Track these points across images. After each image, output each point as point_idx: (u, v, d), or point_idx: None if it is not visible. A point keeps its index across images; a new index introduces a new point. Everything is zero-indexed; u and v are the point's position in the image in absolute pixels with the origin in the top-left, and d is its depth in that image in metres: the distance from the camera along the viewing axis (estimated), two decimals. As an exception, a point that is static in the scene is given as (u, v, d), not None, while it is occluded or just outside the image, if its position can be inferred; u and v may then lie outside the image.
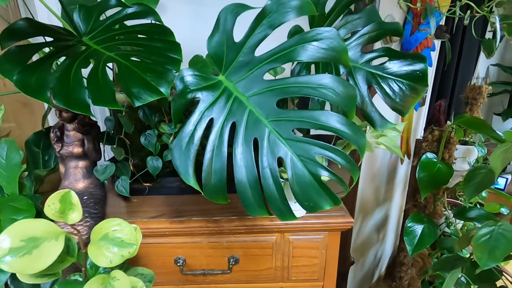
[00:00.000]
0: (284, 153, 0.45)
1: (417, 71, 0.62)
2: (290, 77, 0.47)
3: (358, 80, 0.64)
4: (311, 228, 0.86)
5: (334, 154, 0.45)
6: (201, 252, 0.88)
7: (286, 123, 0.46)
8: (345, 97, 0.46)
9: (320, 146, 0.45)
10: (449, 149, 0.95)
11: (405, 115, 0.62)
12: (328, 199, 0.45)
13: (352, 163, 0.46)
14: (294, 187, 0.45)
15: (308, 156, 0.45)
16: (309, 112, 0.46)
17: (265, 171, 0.45)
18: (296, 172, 0.45)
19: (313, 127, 0.45)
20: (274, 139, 0.46)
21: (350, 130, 0.45)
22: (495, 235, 0.61)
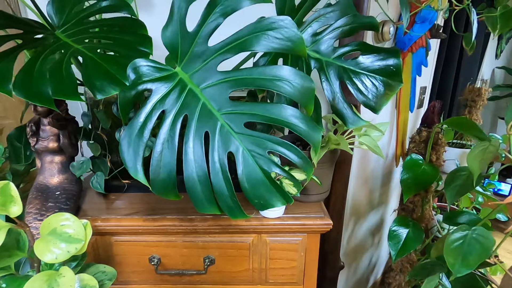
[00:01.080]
0: (235, 148, 0.43)
1: (391, 66, 0.59)
2: (245, 68, 0.45)
3: (330, 75, 0.61)
4: (288, 230, 0.83)
5: (287, 150, 0.43)
6: (176, 251, 0.86)
7: (238, 116, 0.44)
8: (302, 90, 0.43)
9: (273, 141, 0.43)
10: (437, 151, 0.91)
11: (378, 112, 0.60)
12: (279, 196, 0.43)
13: (305, 160, 0.43)
14: (244, 184, 0.42)
15: (260, 152, 0.42)
16: (262, 105, 0.44)
17: (215, 166, 0.43)
18: (246, 168, 0.42)
19: (265, 121, 0.43)
20: (226, 132, 0.44)
21: (304, 124, 0.42)
22: (469, 240, 0.57)
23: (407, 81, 1.45)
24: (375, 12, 1.21)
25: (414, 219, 0.99)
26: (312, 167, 0.44)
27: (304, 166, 0.43)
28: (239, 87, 0.44)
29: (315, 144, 0.42)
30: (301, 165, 0.43)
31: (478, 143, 0.58)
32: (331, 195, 1.28)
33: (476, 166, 0.55)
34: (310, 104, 0.44)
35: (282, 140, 0.43)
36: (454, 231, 0.60)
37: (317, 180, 0.77)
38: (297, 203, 0.90)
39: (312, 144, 0.43)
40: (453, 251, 0.56)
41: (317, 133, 0.42)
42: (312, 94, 0.44)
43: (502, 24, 0.57)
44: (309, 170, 0.44)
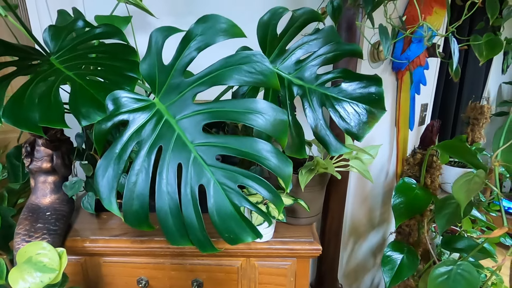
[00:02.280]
0: (207, 180, 0.43)
1: (373, 94, 0.59)
2: (218, 100, 0.46)
3: (313, 102, 0.61)
4: (277, 254, 0.82)
5: (257, 184, 0.42)
6: (164, 273, 0.85)
7: (210, 148, 0.44)
8: (274, 122, 0.43)
9: (244, 174, 0.43)
10: (432, 174, 0.89)
11: (361, 140, 0.59)
12: (249, 231, 0.42)
13: (276, 195, 0.43)
14: (214, 217, 0.42)
15: (231, 185, 0.42)
16: (234, 137, 0.44)
17: (187, 198, 0.43)
18: (217, 201, 0.42)
19: (237, 154, 0.43)
20: (198, 164, 0.44)
21: (275, 159, 0.42)
22: (454, 275, 0.54)
23: (406, 99, 1.44)
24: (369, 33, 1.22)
25: (411, 243, 0.96)
26: (281, 201, 0.43)
27: (274, 201, 0.43)
28: (213, 120, 0.45)
29: (285, 178, 0.42)
30: (272, 200, 0.43)
31: (463, 174, 0.56)
32: (327, 214, 1.26)
33: (462, 197, 0.53)
34: (283, 136, 0.44)
35: (253, 174, 0.43)
36: (438, 265, 0.58)
37: (304, 205, 0.76)
38: (287, 226, 0.88)
39: (282, 178, 0.42)
40: (438, 287, 0.54)
41: (287, 168, 0.42)
42: (285, 126, 0.44)
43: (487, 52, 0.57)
44: (279, 205, 0.43)
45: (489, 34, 0.59)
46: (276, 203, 0.43)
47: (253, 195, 0.74)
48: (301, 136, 0.62)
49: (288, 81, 0.63)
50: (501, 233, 0.51)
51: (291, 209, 0.86)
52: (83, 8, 1.15)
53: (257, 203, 0.72)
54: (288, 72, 0.64)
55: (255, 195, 0.74)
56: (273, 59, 0.64)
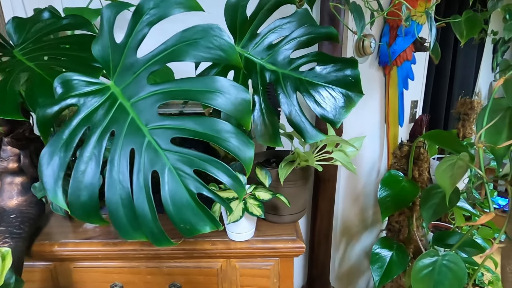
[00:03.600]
0: (161, 166, 0.39)
1: (349, 77, 0.55)
2: (175, 79, 0.42)
3: (287, 87, 0.58)
4: (258, 254, 0.77)
5: (216, 169, 0.38)
6: (140, 278, 0.80)
7: (166, 131, 0.40)
8: (235, 101, 0.40)
9: (201, 158, 0.39)
10: (419, 166, 0.85)
11: (337, 125, 0.55)
12: (207, 221, 0.38)
13: (237, 181, 0.39)
14: (168, 206, 0.38)
15: (187, 170, 0.38)
16: (191, 118, 0.40)
17: (139, 186, 0.39)
18: (172, 189, 0.38)
19: (194, 136, 0.39)
20: (152, 149, 0.40)
21: (235, 140, 0.38)
22: (439, 267, 0.50)
23: (394, 95, 1.42)
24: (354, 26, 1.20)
25: (401, 240, 0.92)
26: (244, 188, 0.39)
27: (234, 187, 0.39)
28: (169, 100, 0.41)
29: (246, 161, 0.38)
30: (232, 186, 0.39)
31: (445, 157, 0.53)
32: (316, 214, 1.21)
33: (447, 183, 0.49)
34: (246, 117, 0.40)
35: (211, 158, 0.39)
36: (421, 256, 0.54)
37: (284, 200, 0.71)
38: (269, 224, 0.84)
39: (243, 161, 0.38)
40: (422, 280, 0.50)
41: (248, 150, 0.38)
42: (247, 106, 0.40)
43: (467, 31, 0.54)
44: (240, 191, 0.39)
45: (468, 11, 0.56)
46: (237, 189, 0.39)
47: (227, 190, 0.69)
48: (275, 123, 0.58)
49: (261, 67, 0.60)
50: (487, 219, 0.47)
51: (273, 206, 0.82)
52: (61, 6, 1.12)
53: (231, 199, 0.68)
54: (261, 58, 0.60)
55: (228, 190, 0.69)
56: (245, 44, 0.61)
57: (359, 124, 1.30)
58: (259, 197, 0.70)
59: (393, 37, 1.31)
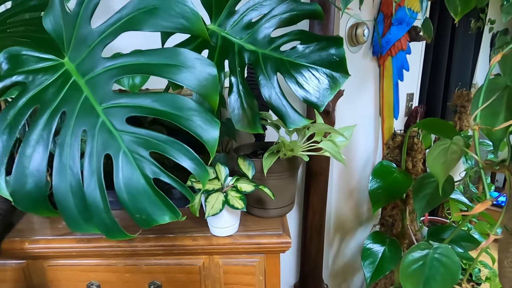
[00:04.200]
0: (115, 149, 0.35)
1: (333, 56, 0.51)
2: (133, 52, 0.38)
3: (267, 68, 0.53)
4: (242, 250, 0.73)
5: (174, 150, 0.34)
6: (118, 276, 0.76)
7: (121, 110, 0.36)
8: (200, 77, 0.35)
9: (157, 139, 0.34)
10: (413, 157, 0.81)
11: (321, 109, 0.51)
12: (166, 210, 0.34)
13: (200, 165, 0.34)
14: (122, 194, 0.33)
15: (143, 153, 0.34)
16: (150, 95, 0.36)
17: (90, 172, 0.35)
18: (126, 174, 0.34)
19: (151, 114, 0.35)
20: (106, 130, 0.35)
21: (198, 118, 0.34)
22: (430, 261, 0.46)
23: (389, 87, 1.37)
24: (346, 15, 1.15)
25: (394, 235, 0.87)
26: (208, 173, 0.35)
27: (196, 171, 0.35)
28: (125, 75, 0.37)
29: (209, 143, 0.34)
30: (193, 170, 0.34)
31: (437, 142, 0.48)
32: (308, 209, 1.17)
33: (439, 170, 0.45)
34: (212, 93, 0.36)
35: (169, 138, 0.34)
36: (410, 250, 0.49)
37: (268, 192, 0.67)
38: (255, 219, 0.80)
39: (206, 142, 0.34)
40: (412, 276, 0.45)
41: (213, 129, 0.34)
42: (213, 82, 0.36)
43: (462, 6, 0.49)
44: (203, 176, 0.35)
45: (463, -16, 0.52)
46: (200, 174, 0.34)
47: (208, 181, 0.65)
48: (254, 107, 0.54)
49: (239, 47, 0.55)
50: (483, 207, 0.43)
51: (258, 200, 0.77)
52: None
53: (211, 190, 0.64)
54: (240, 37, 0.56)
55: (209, 181, 0.65)
56: (222, 22, 0.56)
57: (353, 117, 1.26)
58: (241, 189, 0.65)
59: (387, 26, 1.26)
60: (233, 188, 0.66)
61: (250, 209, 0.81)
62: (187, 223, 0.77)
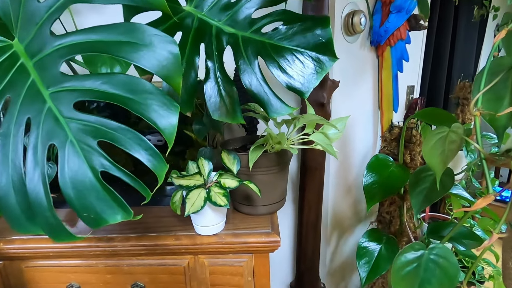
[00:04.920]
0: (61, 138, 0.30)
1: (319, 37, 0.46)
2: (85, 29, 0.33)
3: (248, 53, 0.48)
4: (229, 249, 0.68)
5: (128, 140, 0.30)
6: (98, 278, 0.72)
7: (69, 94, 0.31)
8: (160, 57, 0.31)
9: (109, 127, 0.30)
10: (411, 150, 0.76)
11: (306, 95, 0.46)
12: (116, 208, 0.29)
13: (157, 157, 0.30)
14: (68, 190, 0.29)
15: (91, 143, 0.30)
16: (101, 76, 0.31)
17: (34, 165, 0.30)
18: (73, 167, 0.29)
19: (101, 98, 0.30)
20: (53, 117, 0.31)
21: (153, 102, 0.29)
22: (425, 263, 0.41)
23: (388, 78, 1.32)
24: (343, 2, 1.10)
25: (392, 232, 0.83)
26: (166, 166, 0.30)
27: (152, 163, 0.30)
28: (76, 54, 0.32)
29: (166, 130, 0.29)
30: (149, 162, 0.30)
31: (434, 130, 0.43)
32: (303, 205, 1.13)
33: (436, 162, 0.40)
34: (176, 76, 0.31)
35: (120, 125, 0.30)
36: (403, 250, 0.45)
37: (253, 188, 0.63)
38: (243, 216, 0.75)
39: (162, 130, 0.29)
40: (405, 279, 0.41)
41: (169, 114, 0.29)
42: (176, 62, 0.31)
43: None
44: (160, 168, 0.30)
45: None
46: (156, 166, 0.30)
47: (189, 176, 0.61)
48: (234, 95, 0.49)
49: (217, 29, 0.50)
50: (486, 202, 0.39)
51: (246, 196, 0.73)
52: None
53: (192, 187, 0.60)
54: (218, 19, 0.51)
55: (191, 177, 0.61)
56: (199, 3, 0.51)
57: (350, 110, 1.21)
58: (224, 185, 0.61)
59: (385, 14, 1.21)
60: (217, 184, 0.61)
61: (238, 206, 0.77)
62: (171, 221, 0.73)
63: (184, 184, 0.59)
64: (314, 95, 1.00)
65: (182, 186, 0.58)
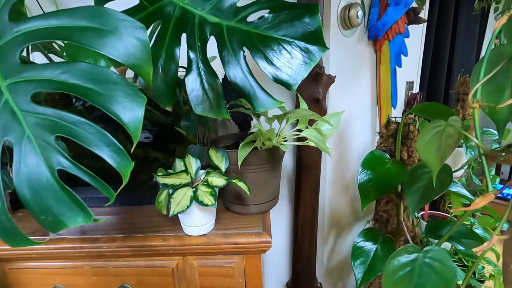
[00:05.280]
0: (17, 134, 0.28)
1: (308, 26, 0.43)
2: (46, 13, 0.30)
3: (232, 43, 0.46)
4: (218, 250, 0.66)
5: (88, 135, 0.27)
6: (84, 280, 0.69)
7: (26, 85, 0.29)
8: (127, 44, 0.28)
9: (68, 120, 0.27)
10: (409, 146, 0.73)
11: (294, 88, 0.43)
12: (76, 210, 0.27)
13: (121, 154, 0.27)
14: (23, 190, 0.26)
15: (48, 138, 0.27)
16: (59, 65, 0.28)
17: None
18: (30, 165, 0.27)
19: (62, 89, 0.28)
20: (9, 111, 0.28)
21: (117, 93, 0.27)
22: (419, 267, 0.38)
23: (387, 73, 1.29)
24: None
25: (389, 232, 0.80)
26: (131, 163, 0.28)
27: (115, 160, 0.27)
28: (35, 42, 0.30)
29: (130, 126, 0.26)
30: (112, 159, 0.27)
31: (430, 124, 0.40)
32: (299, 204, 1.10)
33: (433, 158, 0.37)
34: (145, 65, 0.29)
35: (80, 119, 0.27)
36: (396, 253, 0.42)
37: (242, 186, 0.60)
38: (235, 216, 0.73)
39: (126, 126, 0.26)
40: (397, 285, 0.38)
41: (135, 106, 0.26)
42: (144, 50, 0.28)
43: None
44: (124, 166, 0.28)
45: None
46: (119, 164, 0.27)
47: (174, 175, 0.58)
48: (218, 89, 0.47)
49: (200, 19, 0.47)
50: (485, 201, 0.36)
51: (237, 195, 0.70)
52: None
53: (177, 185, 0.57)
54: (202, 8, 0.48)
55: (176, 175, 0.58)
56: (181, -9, 0.48)
57: (347, 106, 1.18)
58: (212, 183, 0.58)
59: (383, 7, 1.17)
60: (204, 183, 0.59)
61: (229, 205, 0.74)
62: (160, 221, 0.71)
63: (169, 182, 0.56)
64: (309, 90, 0.97)
65: (167, 185, 0.56)
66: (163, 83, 0.42)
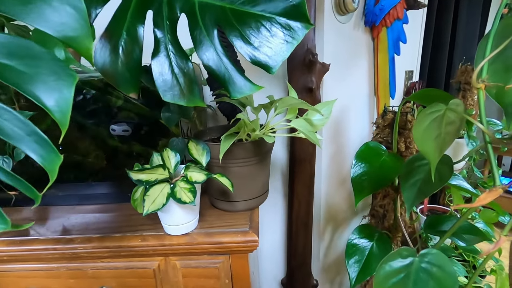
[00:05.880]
0: None
1: (290, 1, 0.38)
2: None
3: (205, 21, 0.41)
4: (201, 250, 0.61)
5: (5, 122, 0.22)
6: (60, 283, 0.65)
7: None
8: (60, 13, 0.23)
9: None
10: (406, 137, 0.68)
11: (274, 71, 0.38)
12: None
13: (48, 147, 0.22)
14: None
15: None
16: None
17: None
18: None
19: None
20: None
21: (40, 71, 0.22)
22: (415, 273, 0.34)
23: (384, 62, 1.23)
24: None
25: (386, 228, 0.76)
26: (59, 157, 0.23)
27: (39, 155, 0.23)
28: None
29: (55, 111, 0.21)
30: (34, 152, 0.22)
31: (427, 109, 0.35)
32: (293, 199, 1.06)
33: (431, 148, 0.32)
34: (83, 38, 0.23)
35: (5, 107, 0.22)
36: (389, 257, 0.37)
37: (224, 182, 0.55)
38: (221, 213, 0.68)
39: (50, 111, 0.21)
40: (390, 293, 0.34)
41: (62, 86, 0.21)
42: (81, 19, 0.23)
43: None
44: (50, 161, 0.23)
45: None
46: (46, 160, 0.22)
47: (150, 170, 0.53)
48: (190, 73, 0.42)
49: (170, -6, 0.42)
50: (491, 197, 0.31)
51: (222, 191, 0.66)
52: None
53: (153, 181, 0.52)
54: (172, -18, 0.43)
55: (152, 170, 0.53)
56: (147, -36, 0.43)
57: (343, 96, 1.13)
58: (191, 179, 0.54)
59: (380, -9, 1.11)
60: (183, 178, 0.54)
61: (214, 201, 0.70)
62: (139, 220, 0.66)
63: (144, 179, 0.51)
64: (301, 79, 0.91)
65: (141, 181, 0.51)
66: (124, 67, 0.37)
